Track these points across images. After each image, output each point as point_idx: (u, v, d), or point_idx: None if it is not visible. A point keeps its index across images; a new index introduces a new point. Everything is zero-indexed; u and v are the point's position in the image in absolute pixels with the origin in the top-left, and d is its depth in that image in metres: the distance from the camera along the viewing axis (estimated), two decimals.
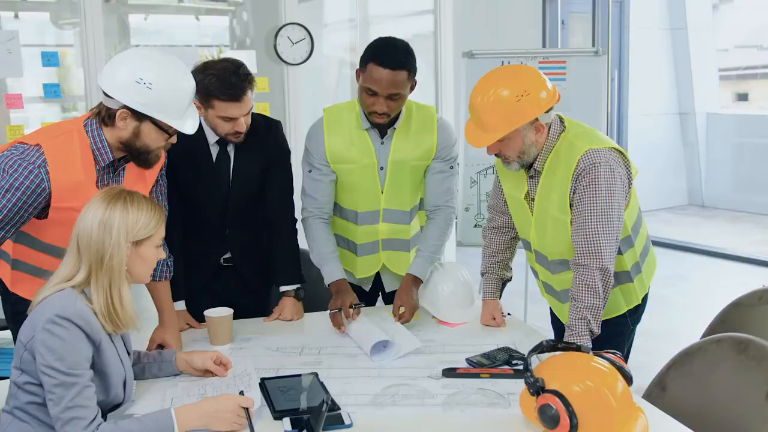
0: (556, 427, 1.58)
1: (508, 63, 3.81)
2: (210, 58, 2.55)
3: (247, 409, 1.71)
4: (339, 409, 1.81)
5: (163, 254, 1.86)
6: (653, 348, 2.96)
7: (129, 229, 1.74)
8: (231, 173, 2.50)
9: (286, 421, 1.74)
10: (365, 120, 2.45)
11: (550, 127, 2.16)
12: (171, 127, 2.00)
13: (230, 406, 1.70)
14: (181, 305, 2.49)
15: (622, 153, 2.17)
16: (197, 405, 1.73)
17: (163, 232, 1.85)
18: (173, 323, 2.31)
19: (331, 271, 2.49)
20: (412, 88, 2.39)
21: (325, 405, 1.64)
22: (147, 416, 1.69)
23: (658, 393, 2.13)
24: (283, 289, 2.60)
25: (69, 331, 1.63)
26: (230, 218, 2.56)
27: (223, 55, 5.02)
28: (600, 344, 2.02)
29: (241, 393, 1.78)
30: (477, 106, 2.10)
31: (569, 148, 2.14)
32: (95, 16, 3.45)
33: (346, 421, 1.75)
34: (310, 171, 2.52)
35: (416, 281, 2.49)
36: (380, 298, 2.83)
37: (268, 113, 4.09)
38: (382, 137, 2.49)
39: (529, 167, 2.21)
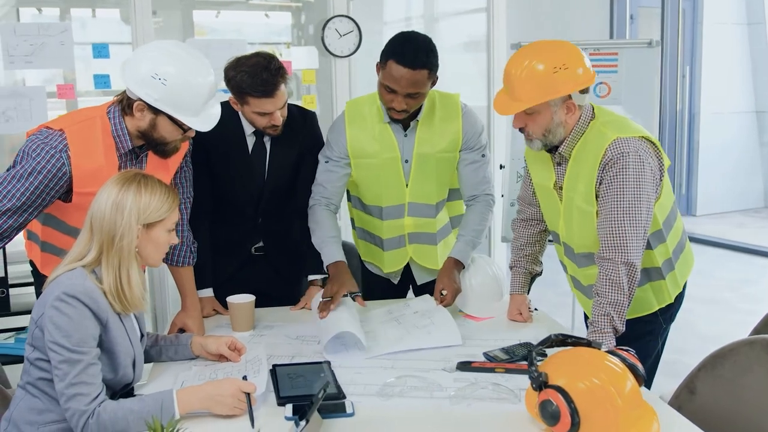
0: (556, 424, 1.52)
1: None
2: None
3: (248, 395, 1.71)
4: (345, 397, 1.79)
5: (175, 239, 1.88)
6: (707, 352, 2.82)
7: (141, 211, 1.77)
8: (267, 164, 2.51)
9: (289, 407, 1.73)
10: (387, 113, 2.41)
11: (582, 113, 2.07)
12: (185, 123, 2.02)
13: (231, 390, 1.70)
14: (208, 292, 2.52)
15: (654, 142, 2.06)
16: (199, 387, 1.73)
17: (177, 216, 1.87)
18: (195, 308, 2.34)
19: (331, 253, 2.41)
20: (433, 84, 2.34)
21: (322, 392, 1.62)
22: (150, 396, 1.70)
23: (687, 396, 2.03)
24: (311, 278, 2.61)
25: (76, 309, 1.67)
26: (264, 208, 2.57)
27: (287, 51, 5.11)
28: (628, 342, 1.91)
29: (245, 378, 1.78)
30: (511, 75, 2.02)
31: (597, 136, 2.05)
32: (144, 11, 3.51)
33: (348, 410, 1.73)
34: (326, 162, 2.50)
35: (458, 264, 2.44)
36: (411, 292, 2.80)
37: (315, 105, 4.11)
38: (405, 130, 2.45)
39: (554, 151, 2.12)
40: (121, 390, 1.86)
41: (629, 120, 2.13)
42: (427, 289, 2.68)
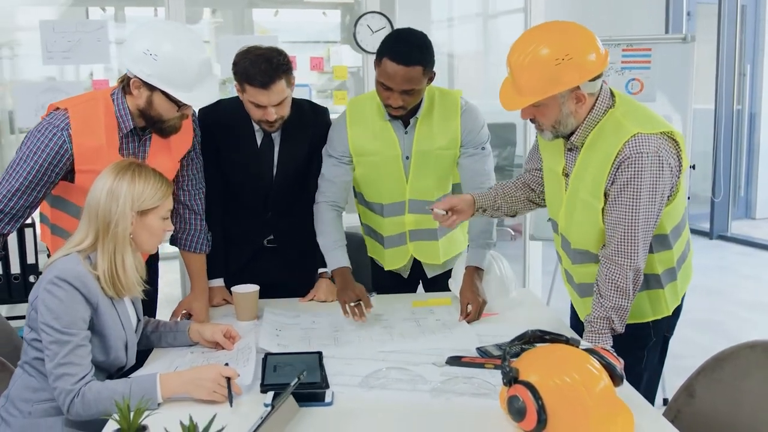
0: (522, 420, 1.50)
1: None
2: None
3: (228, 380, 1.74)
4: (327, 387, 1.81)
5: (170, 226, 1.94)
6: None
7: (135, 198, 1.83)
8: (276, 158, 2.54)
9: (270, 394, 1.75)
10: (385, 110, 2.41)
11: (597, 99, 1.94)
12: (179, 99, 2.07)
13: (211, 375, 1.74)
14: (219, 282, 2.57)
15: (676, 140, 1.92)
16: (182, 372, 1.78)
17: (170, 204, 1.92)
18: (203, 293, 2.41)
19: (337, 259, 2.44)
20: (430, 80, 2.33)
21: (296, 380, 1.64)
22: (135, 378, 1.76)
23: (686, 399, 1.97)
24: (320, 270, 2.63)
25: (66, 292, 1.73)
26: (273, 203, 2.60)
27: (336, 48, 5.15)
28: (617, 353, 1.84)
29: (226, 365, 1.81)
30: (512, 65, 1.91)
31: (615, 128, 1.92)
32: (178, 9, 3.59)
33: (327, 399, 1.74)
34: (330, 157, 2.51)
35: (478, 272, 2.42)
36: (420, 286, 2.79)
37: (345, 101, 4.13)
38: (405, 127, 2.45)
39: (567, 138, 2.02)
40: (116, 373, 1.92)
41: (653, 112, 2.00)
42: (437, 282, 2.69)
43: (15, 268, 3.11)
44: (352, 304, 2.30)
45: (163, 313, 2.59)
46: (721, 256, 6.81)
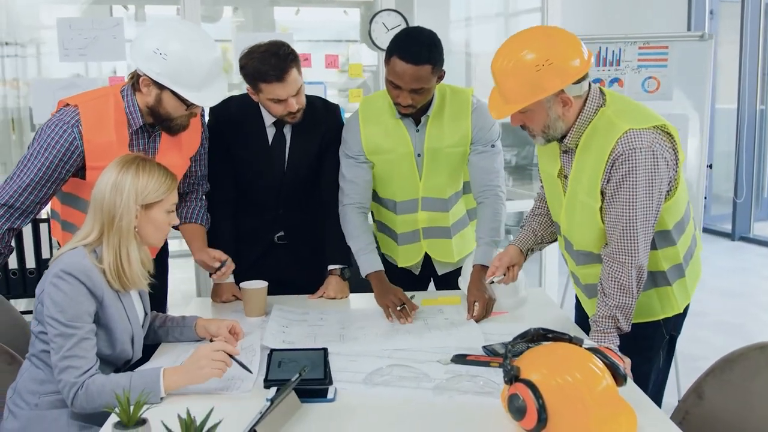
0: (522, 419, 1.49)
1: (605, 48, 3.60)
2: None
3: (230, 355, 1.76)
4: (331, 383, 1.80)
5: (175, 220, 1.95)
6: None
7: (139, 192, 1.84)
8: (287, 155, 2.54)
9: (273, 390, 1.75)
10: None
11: (586, 100, 1.93)
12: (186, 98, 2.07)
13: (201, 353, 1.75)
14: (229, 278, 2.57)
15: (670, 133, 1.91)
16: (181, 365, 1.78)
17: (175, 198, 1.93)
18: (204, 246, 2.44)
19: (370, 262, 2.45)
20: (440, 79, 2.32)
21: (297, 375, 1.64)
22: (138, 372, 1.77)
23: (695, 400, 1.95)
24: (330, 267, 2.62)
25: (71, 286, 1.74)
26: (285, 199, 2.61)
27: (354, 48, 5.15)
28: (626, 353, 1.83)
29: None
30: (495, 72, 1.92)
31: (608, 126, 1.91)
32: (193, 5, 3.61)
33: (329, 396, 1.74)
34: (348, 159, 2.50)
35: (484, 269, 2.39)
36: (431, 284, 2.78)
37: (360, 99, 4.13)
38: (417, 125, 2.44)
39: (561, 141, 2.01)
40: (122, 367, 1.93)
41: (646, 107, 1.99)
42: (447, 279, 2.69)
43: (30, 262, 3.15)
44: (398, 308, 2.30)
45: (174, 309, 2.61)
46: (743, 257, 6.73)
